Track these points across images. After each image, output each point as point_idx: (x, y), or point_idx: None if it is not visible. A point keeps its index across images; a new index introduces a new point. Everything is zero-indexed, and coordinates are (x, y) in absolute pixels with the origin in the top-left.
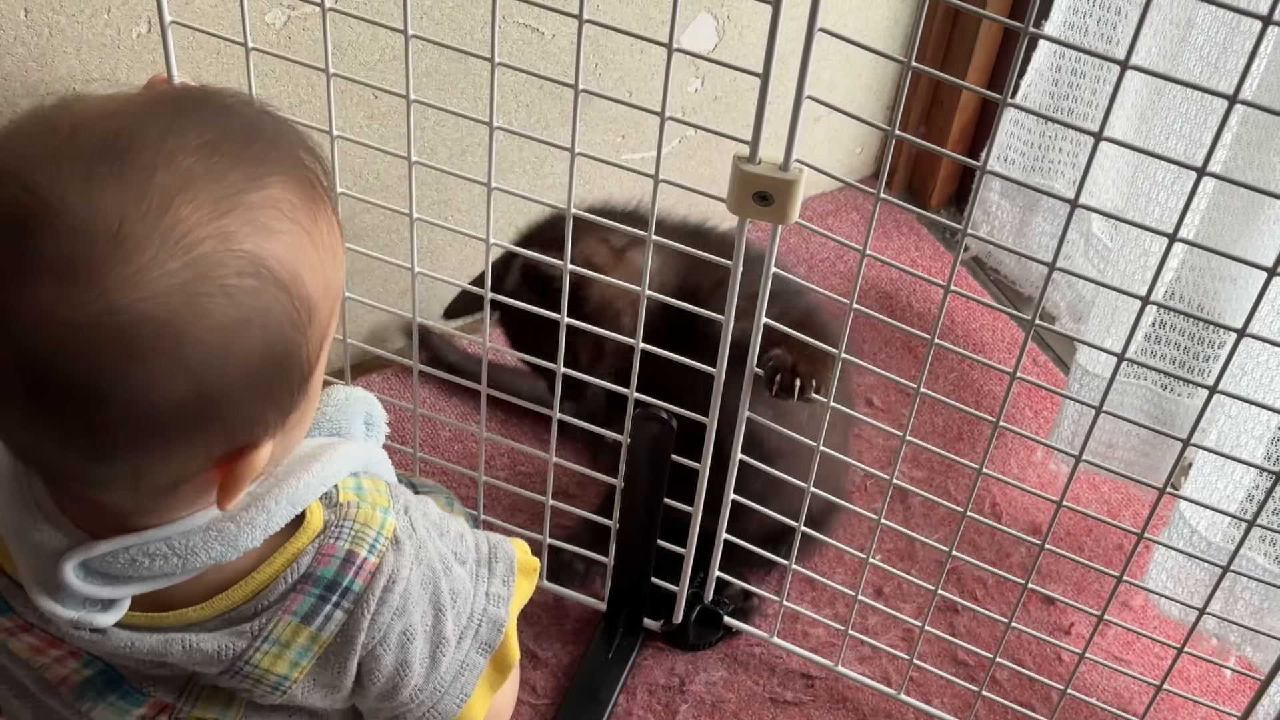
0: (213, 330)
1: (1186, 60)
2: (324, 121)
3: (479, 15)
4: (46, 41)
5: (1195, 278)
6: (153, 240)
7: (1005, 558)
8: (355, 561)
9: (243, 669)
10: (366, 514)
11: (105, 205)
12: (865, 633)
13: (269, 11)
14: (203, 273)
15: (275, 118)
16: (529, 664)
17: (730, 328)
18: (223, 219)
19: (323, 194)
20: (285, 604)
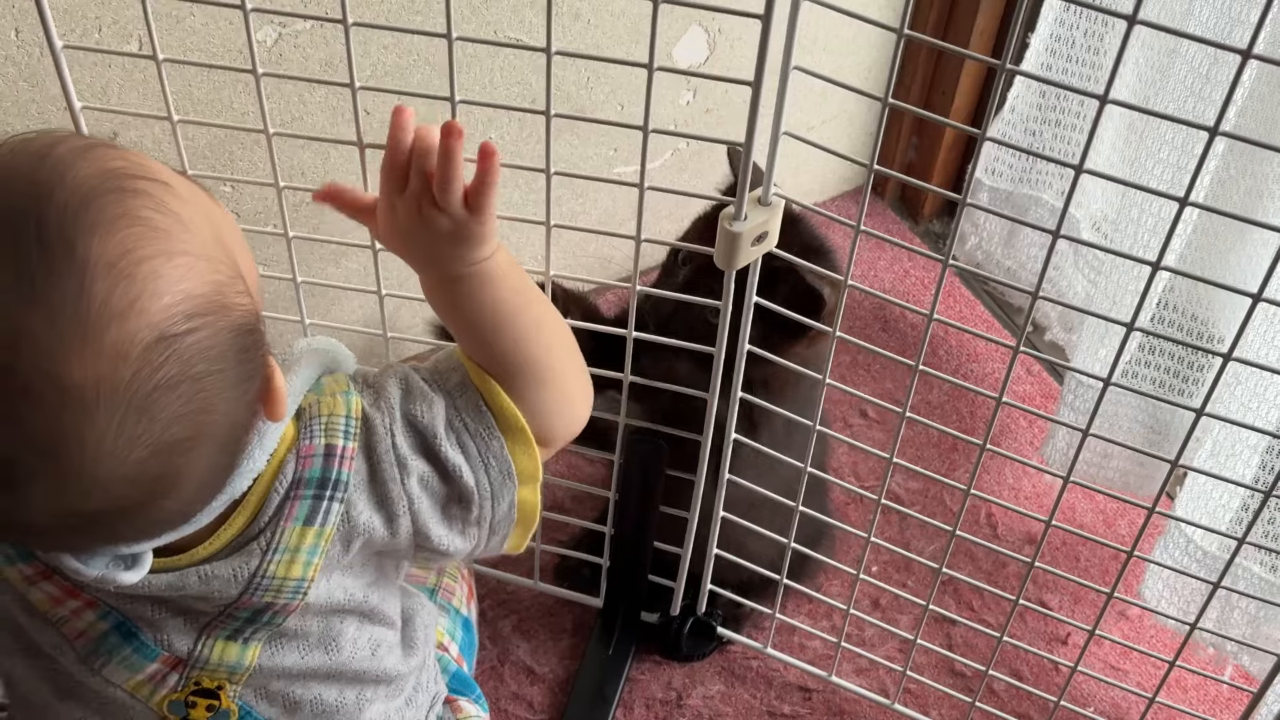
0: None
1: (1176, 72)
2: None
3: (469, 30)
4: (37, 61)
5: (1189, 285)
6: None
7: (1002, 568)
8: (336, 453)
9: (260, 583)
10: (329, 404)
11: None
12: (862, 645)
13: (260, 29)
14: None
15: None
16: (526, 679)
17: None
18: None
19: (134, 173)
20: (285, 513)
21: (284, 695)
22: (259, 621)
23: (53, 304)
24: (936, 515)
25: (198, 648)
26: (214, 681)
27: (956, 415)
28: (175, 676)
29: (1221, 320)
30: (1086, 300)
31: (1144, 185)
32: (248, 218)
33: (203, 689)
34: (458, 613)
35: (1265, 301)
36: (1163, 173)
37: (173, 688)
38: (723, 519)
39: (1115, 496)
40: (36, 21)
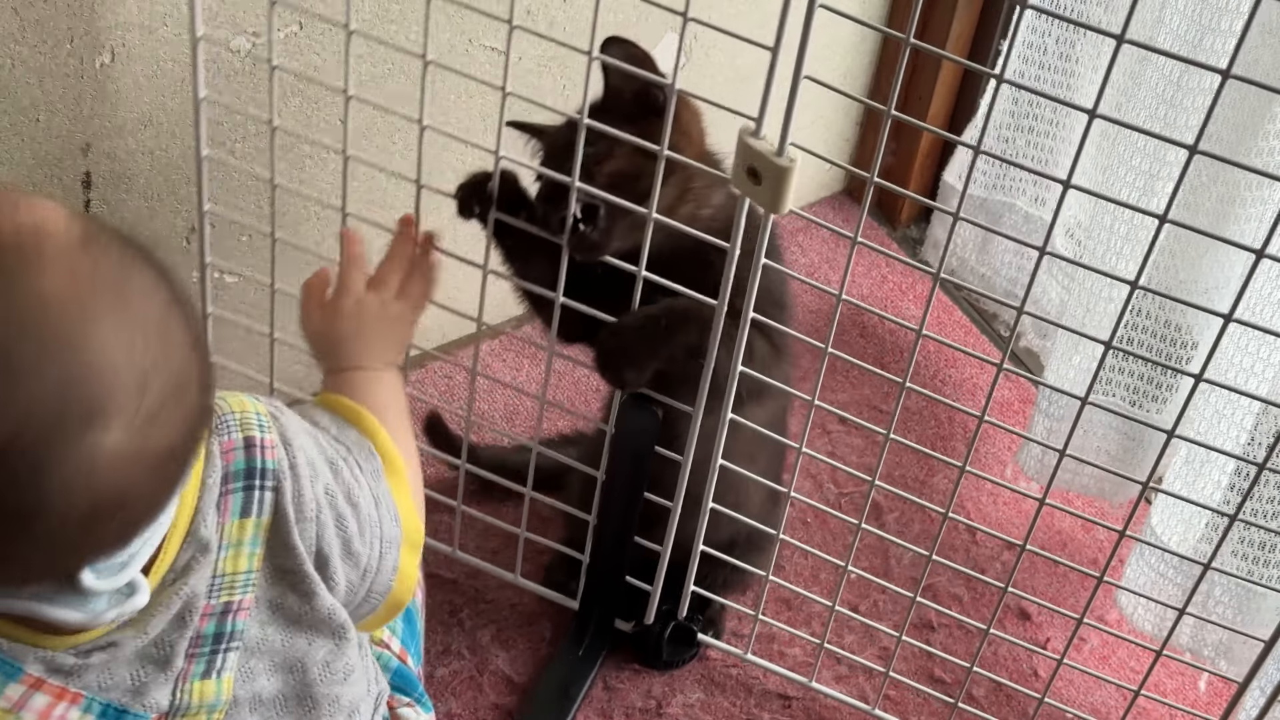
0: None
1: (1148, 79)
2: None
3: (445, 39)
4: (9, 73)
5: (1164, 288)
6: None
7: (981, 573)
8: (256, 444)
9: (218, 581)
10: (236, 403)
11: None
12: (842, 650)
13: (233, 39)
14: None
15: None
16: (505, 688)
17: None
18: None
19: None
20: (223, 510)
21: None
22: (225, 638)
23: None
24: (915, 520)
25: (177, 696)
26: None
27: (935, 420)
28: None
29: (1196, 326)
30: (1061, 306)
31: (1123, 201)
32: (223, 221)
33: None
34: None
35: (1236, 322)
36: (1135, 179)
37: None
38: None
39: (1090, 520)
40: (8, 32)
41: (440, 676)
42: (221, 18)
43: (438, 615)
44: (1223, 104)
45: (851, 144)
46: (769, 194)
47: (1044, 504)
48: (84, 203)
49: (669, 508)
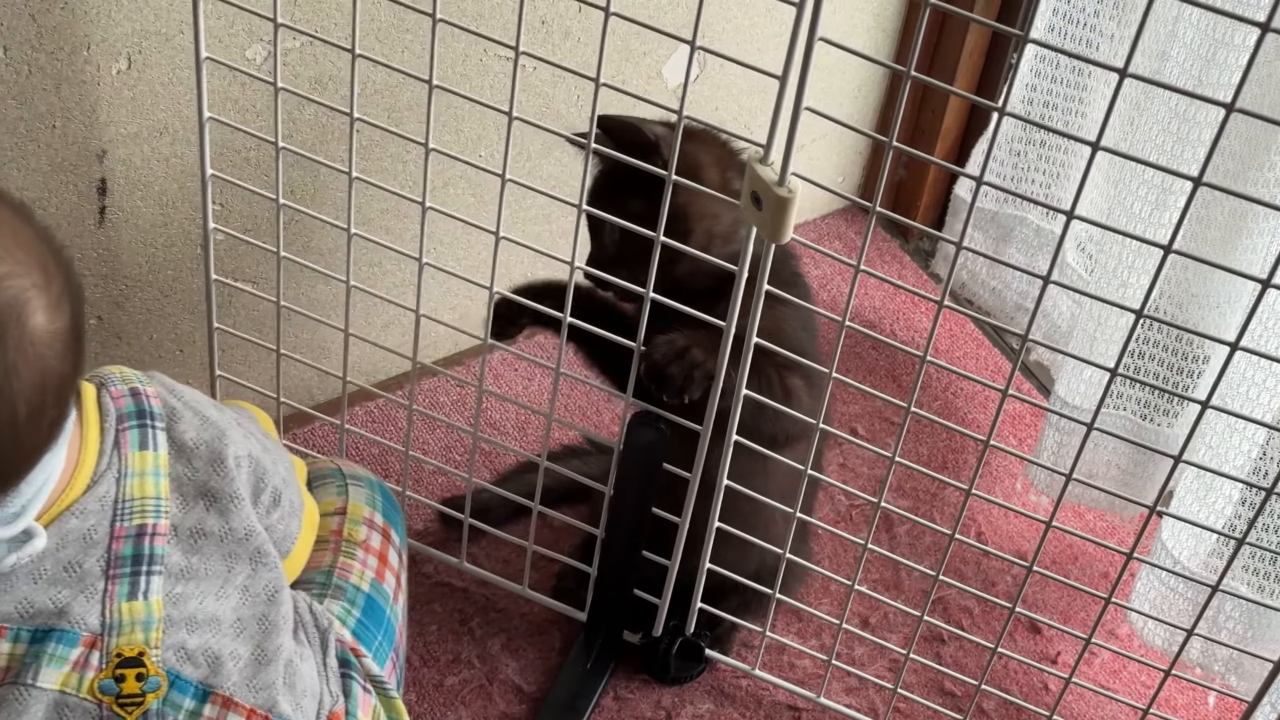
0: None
1: (1154, 110)
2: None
3: (460, 45)
4: (26, 79)
5: (1175, 298)
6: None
7: (991, 587)
8: (140, 393)
9: (127, 505)
10: (114, 368)
11: None
12: (852, 664)
13: (249, 47)
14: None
15: None
16: (514, 697)
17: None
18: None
19: None
20: (121, 444)
21: (204, 652)
22: (144, 561)
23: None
24: (927, 531)
25: (106, 615)
26: (134, 649)
27: (947, 432)
28: (97, 655)
29: (1209, 323)
30: (1072, 319)
31: (1128, 232)
32: (238, 233)
33: (125, 659)
34: (357, 590)
35: (1243, 350)
36: (1148, 194)
37: (98, 668)
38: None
39: (1099, 544)
40: (25, 39)
41: (450, 685)
42: (238, 26)
43: (448, 624)
44: (1228, 134)
45: (865, 157)
46: (770, 222)
47: (1050, 525)
48: (99, 209)
49: (682, 522)
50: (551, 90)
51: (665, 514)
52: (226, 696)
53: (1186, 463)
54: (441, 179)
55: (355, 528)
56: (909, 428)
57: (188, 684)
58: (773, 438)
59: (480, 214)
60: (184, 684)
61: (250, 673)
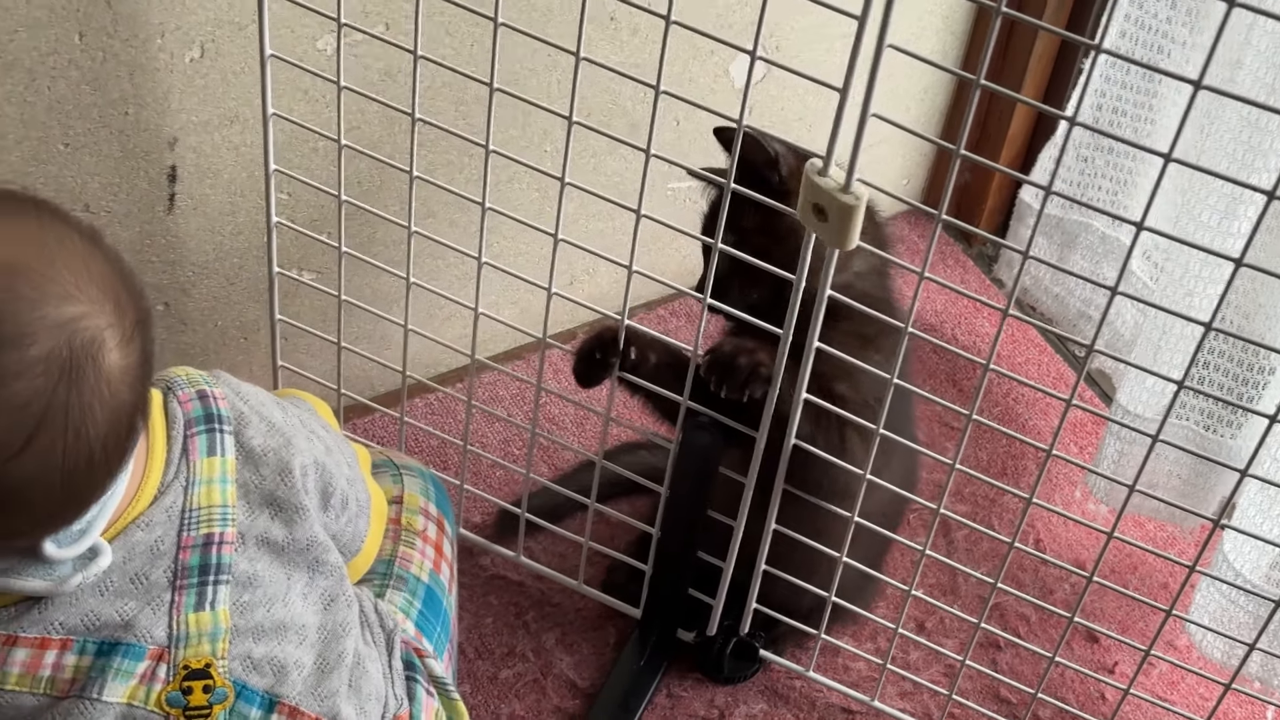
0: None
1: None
2: (369, 143)
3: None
4: (100, 65)
5: (1241, 307)
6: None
7: (1049, 594)
8: (208, 395)
9: (194, 514)
10: (179, 369)
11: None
12: (906, 668)
13: (320, 38)
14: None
15: None
16: (568, 692)
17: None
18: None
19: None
20: (190, 451)
21: (269, 662)
22: (211, 571)
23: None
24: (982, 539)
25: (173, 627)
26: (200, 660)
27: (1007, 438)
28: (164, 668)
29: (1273, 334)
30: (1135, 328)
31: (1198, 244)
32: (304, 223)
33: (193, 671)
34: (417, 581)
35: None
36: (1217, 202)
37: (165, 680)
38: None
39: (1161, 555)
40: (101, 26)
41: (504, 678)
42: (309, 16)
43: (503, 617)
44: None
45: (930, 160)
46: (835, 230)
47: (1113, 536)
48: (169, 196)
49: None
50: (618, 86)
51: (720, 516)
52: (293, 706)
53: (1253, 477)
54: (506, 173)
55: (413, 517)
56: (971, 434)
57: (254, 694)
58: (819, 486)
59: (543, 209)
60: (250, 694)
61: (314, 681)
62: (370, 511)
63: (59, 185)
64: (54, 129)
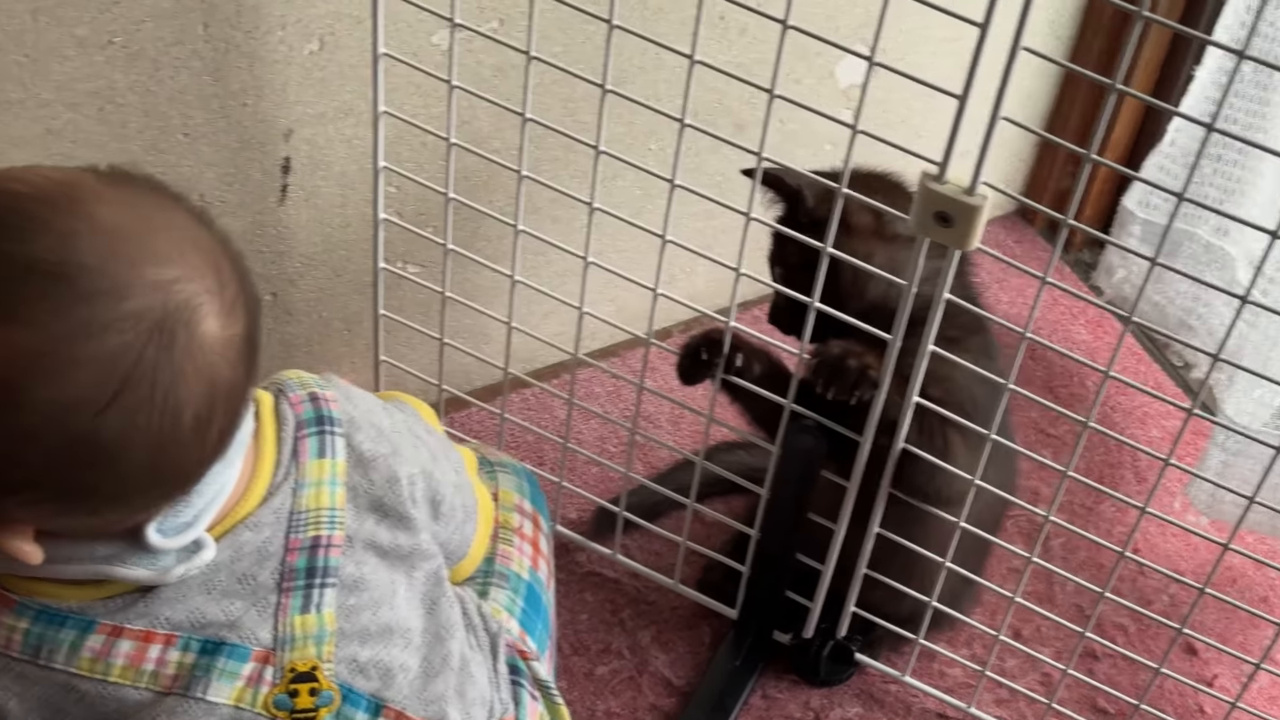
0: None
1: None
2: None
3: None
4: (222, 56)
5: None
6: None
7: (1147, 605)
8: (320, 398)
9: (302, 516)
10: (290, 372)
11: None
12: (1003, 675)
13: (435, 33)
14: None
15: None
16: (663, 690)
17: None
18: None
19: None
20: (300, 452)
21: (375, 665)
22: (318, 574)
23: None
24: (1082, 546)
25: (279, 629)
26: (306, 663)
27: (1104, 447)
28: (270, 670)
29: None
30: (1241, 338)
31: None
32: (410, 218)
33: (299, 674)
34: (518, 578)
35: None
36: None
37: (271, 683)
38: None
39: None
40: (225, 17)
41: (600, 675)
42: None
43: (599, 614)
44: None
45: (1028, 164)
46: (959, 233)
47: (1227, 549)
48: (281, 187)
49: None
50: (725, 86)
51: (821, 519)
52: (399, 710)
53: None
54: (609, 170)
55: (509, 514)
56: (1064, 440)
57: (360, 697)
58: (925, 492)
59: (645, 207)
60: (356, 697)
61: (420, 685)
62: (478, 515)
63: (176, 175)
64: (174, 119)
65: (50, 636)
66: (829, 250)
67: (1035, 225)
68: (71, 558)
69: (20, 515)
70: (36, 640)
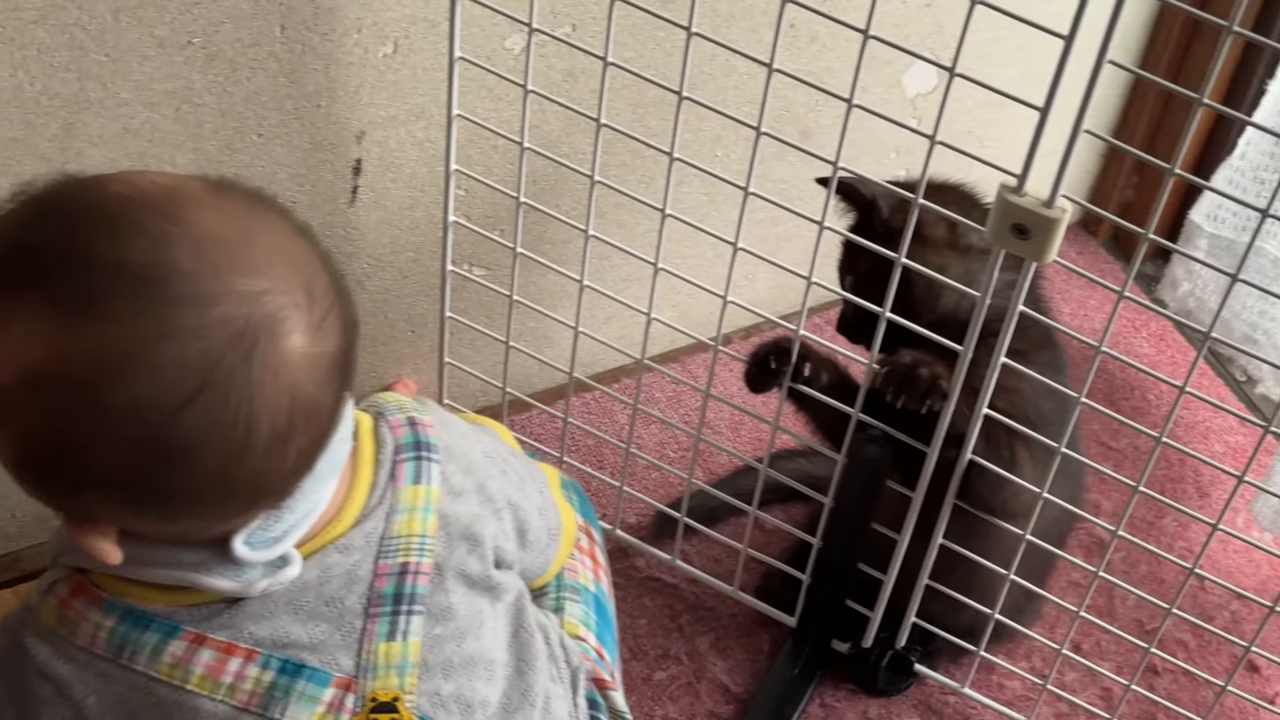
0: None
1: None
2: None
3: (706, 48)
4: (299, 58)
5: None
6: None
7: (1208, 620)
8: (418, 423)
9: (393, 542)
10: (382, 396)
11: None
12: (1063, 689)
13: (509, 37)
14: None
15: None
16: (721, 697)
17: (966, 364)
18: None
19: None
20: (396, 477)
21: (457, 699)
22: (405, 600)
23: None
24: (1142, 560)
25: (363, 657)
26: (389, 694)
27: (1165, 461)
28: (351, 698)
29: None
30: None
31: None
32: (478, 220)
33: (380, 704)
34: (587, 590)
35: None
36: None
37: (352, 710)
38: (947, 558)
39: None
40: (302, 19)
41: (658, 680)
42: (498, 15)
43: (658, 620)
44: None
45: (1093, 176)
46: (1036, 245)
47: None
48: (352, 189)
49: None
50: (791, 93)
51: (885, 529)
52: None
53: None
54: (677, 176)
55: None
56: (1124, 454)
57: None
58: (990, 505)
59: (710, 212)
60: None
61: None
62: (560, 537)
63: (249, 175)
64: (249, 119)
65: (134, 637)
66: (904, 261)
67: (1098, 236)
68: (158, 561)
69: (96, 513)
70: (120, 640)
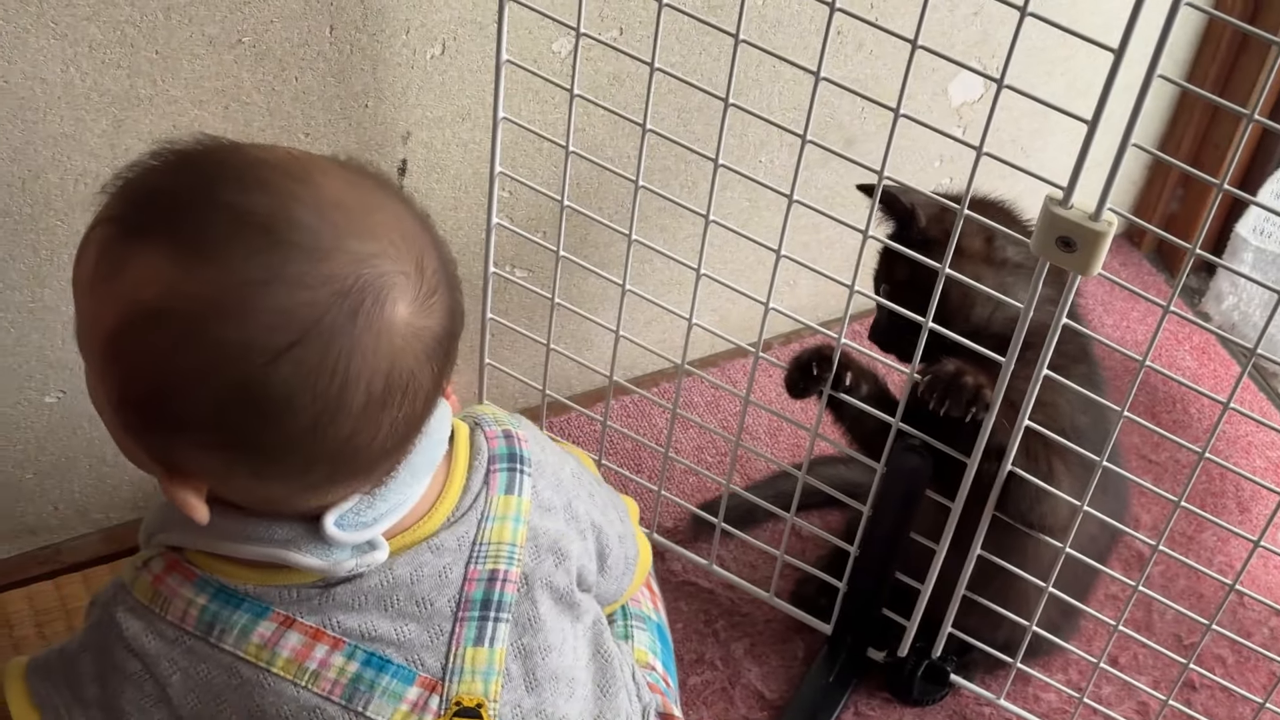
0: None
1: None
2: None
3: (751, 54)
4: (347, 58)
5: None
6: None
7: (1247, 636)
8: (514, 436)
9: (483, 548)
10: (481, 408)
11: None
12: (1099, 702)
13: (556, 40)
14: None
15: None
16: (756, 703)
17: (1009, 371)
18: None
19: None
20: (489, 485)
21: (538, 713)
22: (493, 607)
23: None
24: (1181, 574)
25: (450, 660)
26: (473, 699)
27: (1205, 475)
28: (436, 699)
29: None
30: None
31: None
32: (520, 222)
33: (464, 708)
34: (650, 619)
35: None
36: None
37: (436, 712)
38: (984, 569)
39: None
40: (351, 20)
41: (693, 685)
42: (546, 18)
43: (693, 624)
44: None
45: (1138, 187)
46: (1082, 258)
47: None
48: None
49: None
50: (836, 100)
51: (923, 539)
52: None
53: None
54: (720, 181)
55: None
56: (1165, 467)
57: None
58: (1027, 519)
59: (753, 218)
60: None
61: None
62: (636, 566)
63: None
64: (297, 119)
65: (225, 616)
66: (946, 270)
67: (1142, 248)
68: (251, 536)
69: (189, 462)
70: (211, 618)
